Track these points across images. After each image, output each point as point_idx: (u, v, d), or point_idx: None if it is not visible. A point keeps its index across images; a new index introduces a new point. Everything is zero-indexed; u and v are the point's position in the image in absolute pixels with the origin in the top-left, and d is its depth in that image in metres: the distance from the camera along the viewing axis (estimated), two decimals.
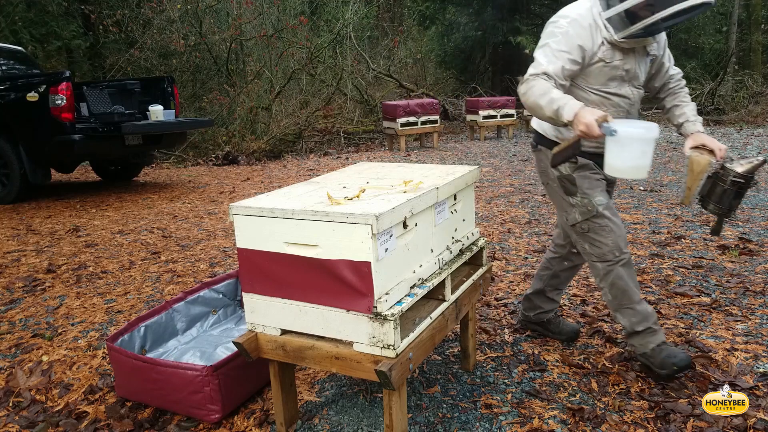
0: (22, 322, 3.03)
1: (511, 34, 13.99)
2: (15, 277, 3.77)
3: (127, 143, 6.37)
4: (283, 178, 7.55)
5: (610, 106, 2.11)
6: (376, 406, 2.07)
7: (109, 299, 3.31)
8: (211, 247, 4.31)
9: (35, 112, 5.88)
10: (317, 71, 12.45)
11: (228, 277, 2.80)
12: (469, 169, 2.12)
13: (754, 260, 3.45)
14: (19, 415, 2.14)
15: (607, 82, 2.09)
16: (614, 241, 2.13)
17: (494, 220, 4.78)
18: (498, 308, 2.93)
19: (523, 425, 1.93)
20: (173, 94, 7.09)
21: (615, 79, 2.09)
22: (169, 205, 6.00)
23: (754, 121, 11.99)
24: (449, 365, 2.37)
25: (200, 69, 11.92)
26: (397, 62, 14.72)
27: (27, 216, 5.69)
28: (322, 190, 1.85)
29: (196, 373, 1.96)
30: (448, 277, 1.88)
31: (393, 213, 1.57)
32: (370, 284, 1.54)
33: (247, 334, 1.78)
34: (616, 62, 2.05)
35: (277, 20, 12.70)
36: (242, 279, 1.77)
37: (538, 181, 6.44)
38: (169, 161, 9.72)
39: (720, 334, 2.51)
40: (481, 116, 10.54)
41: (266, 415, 2.05)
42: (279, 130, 10.40)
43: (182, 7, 11.44)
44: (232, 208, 1.72)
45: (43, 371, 2.45)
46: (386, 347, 1.57)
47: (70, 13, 12.25)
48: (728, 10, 16.74)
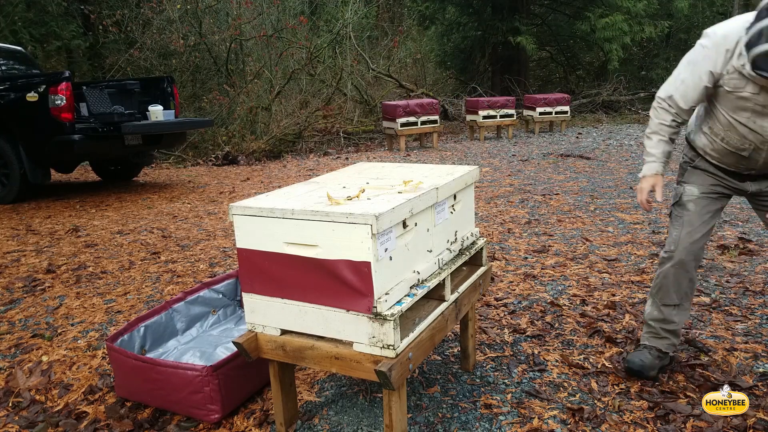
0: (22, 322, 3.03)
1: (511, 34, 13.97)
2: (15, 277, 3.77)
3: (127, 143, 6.37)
4: (283, 178, 7.54)
5: (734, 135, 1.97)
6: (376, 406, 2.07)
7: (109, 299, 3.31)
8: (210, 247, 4.31)
9: (35, 112, 5.88)
10: (317, 71, 12.44)
11: (228, 277, 2.80)
12: (468, 169, 2.12)
13: (754, 260, 3.45)
14: (18, 415, 2.14)
15: (736, 110, 1.94)
16: (678, 235, 2.11)
17: (494, 220, 4.78)
18: (498, 308, 2.93)
19: (522, 425, 1.93)
20: (173, 94, 7.08)
21: (746, 110, 1.91)
22: (169, 205, 6.00)
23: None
24: (449, 365, 2.37)
25: (200, 69, 11.91)
26: (397, 62, 14.71)
27: (27, 216, 5.68)
28: (321, 190, 1.85)
29: (196, 373, 1.96)
30: (448, 277, 1.88)
31: (393, 213, 1.57)
32: (369, 284, 1.54)
33: (247, 334, 1.77)
34: (746, 94, 1.87)
35: (276, 20, 12.70)
36: (242, 279, 1.77)
37: (538, 180, 6.45)
38: (169, 161, 9.71)
39: (720, 334, 2.51)
40: (481, 116, 10.54)
41: (266, 415, 2.05)
42: (279, 130, 10.40)
43: (182, 7, 11.44)
44: (231, 208, 1.72)
45: (42, 371, 2.44)
46: (386, 347, 1.57)
47: (70, 13, 12.25)
48: (728, 11, 16.76)
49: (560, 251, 3.83)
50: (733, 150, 2.01)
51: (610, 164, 7.40)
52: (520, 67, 15.46)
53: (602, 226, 4.42)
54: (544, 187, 6.04)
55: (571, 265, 3.53)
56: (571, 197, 5.49)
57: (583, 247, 3.88)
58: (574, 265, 3.54)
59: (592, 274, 3.37)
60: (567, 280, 3.28)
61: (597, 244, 3.94)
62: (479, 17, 15.08)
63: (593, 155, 8.20)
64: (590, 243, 3.97)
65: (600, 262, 3.55)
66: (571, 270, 3.45)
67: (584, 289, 3.14)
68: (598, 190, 5.74)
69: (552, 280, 3.29)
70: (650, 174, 2.11)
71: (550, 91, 15.50)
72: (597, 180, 6.32)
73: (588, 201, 5.29)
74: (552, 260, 3.64)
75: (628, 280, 3.23)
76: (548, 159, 8.06)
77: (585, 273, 3.38)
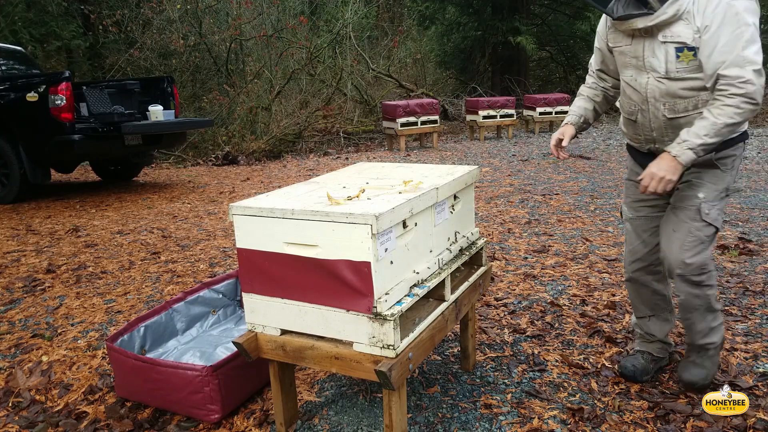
0: (22, 322, 3.03)
1: (511, 34, 13.97)
2: (15, 277, 3.77)
3: (127, 143, 6.37)
4: (283, 178, 7.54)
5: (625, 98, 2.01)
6: (376, 406, 2.07)
7: (109, 299, 3.31)
8: (210, 247, 4.31)
9: (35, 112, 5.88)
10: (317, 71, 12.44)
11: (228, 277, 2.80)
12: (468, 169, 2.12)
13: (754, 260, 3.45)
14: (18, 415, 2.14)
15: (622, 69, 1.99)
16: (624, 253, 2.23)
17: (494, 220, 4.78)
18: (498, 308, 2.93)
19: (522, 425, 1.93)
20: (173, 94, 7.08)
21: (628, 67, 1.94)
22: (169, 205, 6.00)
23: (753, 121, 11.99)
24: (449, 365, 2.37)
25: (200, 69, 11.91)
26: (397, 62, 14.70)
27: (27, 216, 5.68)
28: (322, 190, 1.85)
29: (196, 373, 1.96)
30: (448, 277, 1.88)
31: (393, 213, 1.57)
32: (369, 284, 1.54)
33: (247, 334, 1.77)
34: (623, 47, 1.93)
35: (276, 20, 12.70)
36: (242, 279, 1.77)
37: (538, 180, 6.46)
38: (169, 161, 9.71)
39: None
40: (481, 116, 10.54)
41: (266, 415, 2.05)
42: (279, 130, 10.39)
43: (182, 7, 11.43)
44: (231, 208, 1.72)
45: (42, 371, 2.44)
46: (386, 347, 1.56)
47: (70, 13, 12.24)
48: None
49: (560, 251, 3.83)
50: (627, 116, 2.03)
51: (610, 164, 7.40)
52: (520, 67, 15.46)
53: (602, 226, 4.42)
54: (544, 187, 6.05)
55: (571, 265, 3.53)
56: (571, 197, 5.49)
57: (583, 247, 3.88)
58: (574, 265, 3.54)
59: (592, 274, 3.37)
60: (567, 280, 3.28)
61: (597, 244, 3.94)
62: (479, 17, 15.07)
63: (593, 155, 8.20)
64: (590, 243, 3.97)
65: (600, 262, 3.55)
66: (571, 270, 3.45)
67: (584, 289, 3.14)
68: (598, 190, 5.74)
69: (552, 280, 3.29)
70: (563, 124, 2.19)
71: (550, 91, 15.48)
72: (597, 180, 6.32)
73: (588, 201, 5.29)
74: (552, 260, 3.64)
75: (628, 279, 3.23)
76: (548, 159, 8.06)
77: (585, 273, 3.38)
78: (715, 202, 1.87)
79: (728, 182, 1.90)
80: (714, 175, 1.88)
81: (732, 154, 1.89)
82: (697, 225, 1.85)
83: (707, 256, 1.88)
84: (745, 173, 6.33)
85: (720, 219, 1.88)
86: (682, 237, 1.87)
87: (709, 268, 1.91)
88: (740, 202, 4.87)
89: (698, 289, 1.92)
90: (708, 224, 1.86)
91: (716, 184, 1.88)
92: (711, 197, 1.87)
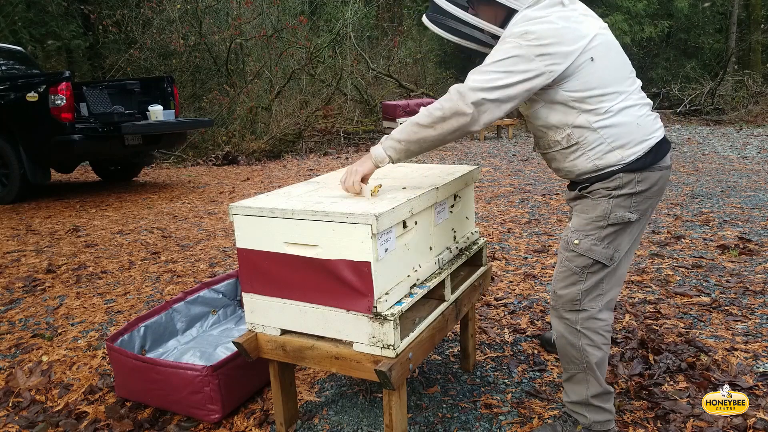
0: (22, 322, 3.03)
1: None
2: (15, 277, 3.77)
3: (127, 143, 6.37)
4: (283, 178, 7.54)
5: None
6: (376, 406, 2.07)
7: (109, 299, 3.31)
8: (210, 247, 4.31)
9: (35, 112, 5.88)
10: (317, 71, 12.44)
11: (228, 277, 2.80)
12: (468, 169, 2.12)
13: (754, 260, 3.45)
14: (18, 415, 2.14)
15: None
16: None
17: (494, 220, 4.78)
18: (498, 308, 2.93)
19: (523, 425, 1.93)
20: (173, 94, 7.09)
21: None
22: (169, 205, 6.00)
23: (753, 121, 12.00)
24: (449, 365, 2.37)
25: (200, 69, 11.92)
26: (397, 62, 14.70)
27: (27, 216, 5.68)
28: (322, 190, 1.85)
29: (196, 373, 1.96)
30: (448, 277, 1.88)
31: (393, 213, 1.57)
32: (369, 284, 1.54)
33: (247, 334, 1.77)
34: None
35: (276, 20, 12.69)
36: (242, 279, 1.77)
37: (538, 180, 6.45)
38: (169, 161, 9.71)
39: (720, 334, 2.51)
40: None
41: (266, 415, 2.05)
42: (279, 130, 10.40)
43: (182, 7, 11.44)
44: (231, 208, 1.72)
45: (42, 371, 2.44)
46: (386, 347, 1.56)
47: (70, 13, 12.26)
48: (728, 10, 16.75)
49: None
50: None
51: None
52: None
53: None
54: (544, 187, 6.05)
55: None
56: None
57: None
58: None
59: None
60: None
61: None
62: None
63: None
64: None
65: None
66: None
67: None
68: None
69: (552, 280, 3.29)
70: None
71: None
72: None
73: None
74: (552, 260, 3.63)
75: (628, 280, 3.23)
76: None
77: None
78: (587, 231, 1.68)
79: (604, 210, 1.66)
80: (585, 204, 1.72)
81: (603, 187, 1.67)
82: (566, 255, 1.73)
83: (578, 291, 1.68)
84: (745, 173, 6.33)
85: (599, 250, 1.66)
86: (557, 267, 1.78)
87: (582, 307, 1.68)
88: (740, 202, 4.87)
89: (572, 336, 1.71)
90: (578, 254, 1.68)
91: (587, 213, 1.70)
92: (581, 226, 1.70)
